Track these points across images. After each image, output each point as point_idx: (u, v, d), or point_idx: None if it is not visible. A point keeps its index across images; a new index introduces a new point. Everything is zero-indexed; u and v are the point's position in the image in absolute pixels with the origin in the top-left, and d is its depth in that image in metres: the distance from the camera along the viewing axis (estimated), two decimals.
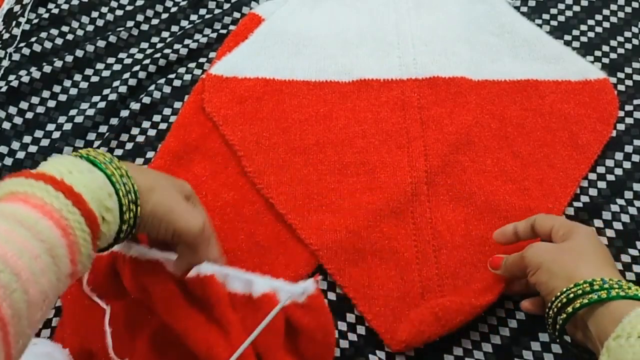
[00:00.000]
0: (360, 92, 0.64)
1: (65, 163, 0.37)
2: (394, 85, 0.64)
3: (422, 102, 0.62)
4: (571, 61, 0.66)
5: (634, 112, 0.64)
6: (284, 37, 0.67)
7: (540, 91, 0.64)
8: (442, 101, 0.62)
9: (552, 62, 0.66)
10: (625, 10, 0.72)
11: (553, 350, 0.51)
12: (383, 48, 0.67)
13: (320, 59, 0.66)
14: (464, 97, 0.63)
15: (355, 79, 0.65)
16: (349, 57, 0.66)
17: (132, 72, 0.66)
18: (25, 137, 0.62)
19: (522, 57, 0.66)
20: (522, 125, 0.62)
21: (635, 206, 0.58)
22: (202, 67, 0.67)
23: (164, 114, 0.64)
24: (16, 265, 0.30)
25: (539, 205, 0.57)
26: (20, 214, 0.32)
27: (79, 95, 0.65)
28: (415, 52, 0.66)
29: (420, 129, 0.61)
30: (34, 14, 0.70)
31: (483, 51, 0.67)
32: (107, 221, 0.37)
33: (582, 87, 0.64)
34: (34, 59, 0.67)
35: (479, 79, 0.64)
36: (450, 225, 0.56)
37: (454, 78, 0.64)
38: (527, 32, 0.68)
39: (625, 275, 0.54)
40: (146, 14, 0.72)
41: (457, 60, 0.65)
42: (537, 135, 0.61)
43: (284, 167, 0.59)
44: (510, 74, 0.65)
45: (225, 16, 0.72)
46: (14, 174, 0.35)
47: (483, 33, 0.68)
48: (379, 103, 0.63)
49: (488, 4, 0.70)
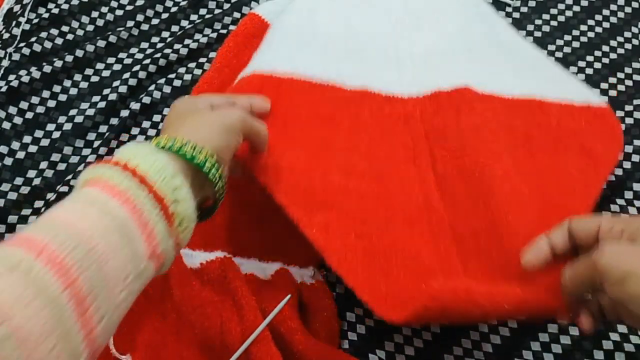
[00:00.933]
0: (363, 101, 0.61)
1: (131, 148, 0.38)
2: (395, 101, 0.61)
3: (425, 115, 0.59)
4: (573, 84, 0.63)
5: (634, 112, 0.64)
6: (289, 30, 0.64)
7: (544, 109, 0.60)
8: (445, 110, 0.59)
9: (554, 83, 0.63)
10: (625, 10, 0.72)
11: (553, 351, 0.51)
12: (382, 64, 0.63)
13: (325, 59, 0.63)
14: (469, 105, 0.59)
15: (358, 86, 0.61)
16: (352, 63, 0.63)
17: (132, 72, 0.66)
18: (25, 137, 0.62)
19: (523, 76, 0.63)
20: (531, 136, 0.58)
21: (635, 206, 0.58)
22: (202, 67, 0.67)
23: (164, 114, 0.64)
24: (90, 240, 0.31)
25: (562, 203, 0.53)
26: (92, 196, 0.34)
27: (79, 95, 0.65)
28: (414, 69, 0.63)
29: (425, 142, 0.58)
30: (34, 14, 0.70)
31: (483, 67, 0.64)
32: (178, 200, 0.37)
33: (586, 111, 0.61)
34: (34, 59, 0.67)
35: (482, 92, 0.61)
36: (475, 231, 0.51)
37: (456, 89, 0.60)
38: (528, 52, 0.65)
39: None
40: (146, 14, 0.72)
41: (457, 76, 0.62)
42: (549, 144, 0.57)
43: (284, 166, 0.54)
44: (513, 91, 0.62)
45: (225, 16, 0.72)
46: (91, 165, 0.37)
47: (483, 51, 0.65)
48: (381, 115, 0.60)
49: (487, 25, 0.67)
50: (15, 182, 0.59)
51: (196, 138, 0.40)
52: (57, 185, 0.58)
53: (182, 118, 0.44)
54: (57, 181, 0.59)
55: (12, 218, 0.56)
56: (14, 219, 0.56)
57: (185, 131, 0.41)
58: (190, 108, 0.45)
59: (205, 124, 0.43)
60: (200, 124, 0.43)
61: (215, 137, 0.42)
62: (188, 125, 0.42)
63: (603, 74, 0.67)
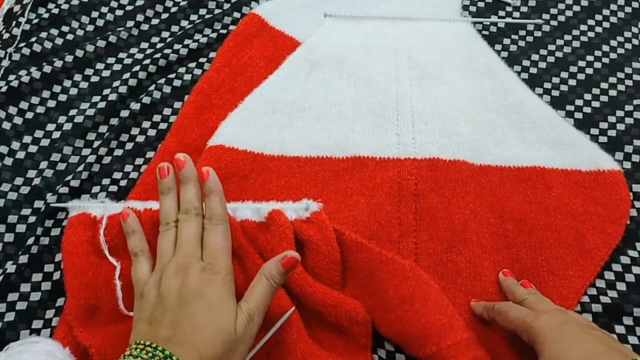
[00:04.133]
0: (354, 171, 0.58)
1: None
2: (391, 165, 0.58)
3: (420, 188, 0.57)
4: (583, 148, 0.60)
5: (634, 112, 0.64)
6: (277, 106, 0.63)
7: (546, 181, 0.58)
8: (440, 189, 0.57)
9: (562, 147, 0.60)
10: (625, 10, 0.72)
11: None
12: (381, 124, 0.61)
13: (313, 132, 0.61)
14: (463, 186, 0.57)
15: (349, 155, 0.59)
16: (344, 131, 0.61)
17: (132, 72, 0.66)
18: (25, 137, 0.62)
19: (529, 141, 0.61)
20: (523, 222, 0.56)
21: (635, 207, 0.58)
22: (202, 67, 0.67)
23: (164, 114, 0.64)
24: None
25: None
26: None
27: (79, 95, 0.65)
28: (414, 130, 0.60)
29: (414, 222, 0.55)
30: (34, 14, 0.70)
31: (487, 131, 0.61)
32: None
33: (594, 178, 0.58)
34: (34, 59, 0.67)
35: (481, 164, 0.59)
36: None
37: (454, 161, 0.58)
38: (536, 113, 0.63)
39: (625, 277, 0.54)
40: (146, 14, 0.72)
41: (458, 141, 0.59)
42: (540, 235, 0.55)
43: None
44: (515, 159, 0.60)
45: (225, 16, 0.72)
46: None
47: (489, 111, 0.63)
48: (373, 185, 0.57)
49: (496, 80, 0.65)
50: (15, 182, 0.59)
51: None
52: (57, 186, 0.58)
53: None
54: (57, 181, 0.59)
55: (12, 218, 0.56)
56: (14, 219, 0.57)
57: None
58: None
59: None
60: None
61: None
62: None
63: (603, 74, 0.67)
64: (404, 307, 0.48)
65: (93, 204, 0.54)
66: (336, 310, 0.49)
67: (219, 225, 0.45)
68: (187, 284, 0.42)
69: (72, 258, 0.50)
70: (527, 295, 0.49)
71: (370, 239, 0.53)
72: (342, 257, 0.51)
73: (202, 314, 0.41)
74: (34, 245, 0.54)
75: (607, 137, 0.63)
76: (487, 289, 0.53)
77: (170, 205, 0.47)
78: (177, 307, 0.41)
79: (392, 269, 0.49)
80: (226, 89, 0.65)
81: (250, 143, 0.60)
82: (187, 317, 0.40)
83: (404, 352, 0.50)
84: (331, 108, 0.63)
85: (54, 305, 0.52)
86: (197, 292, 0.41)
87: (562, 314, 0.45)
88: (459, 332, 0.47)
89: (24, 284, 0.53)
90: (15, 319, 0.51)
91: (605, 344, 0.40)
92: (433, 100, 0.63)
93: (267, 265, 0.44)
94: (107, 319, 0.49)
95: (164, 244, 0.45)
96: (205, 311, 0.41)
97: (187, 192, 0.47)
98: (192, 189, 0.47)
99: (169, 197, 0.47)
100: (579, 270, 0.53)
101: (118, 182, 0.59)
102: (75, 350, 0.48)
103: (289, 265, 0.44)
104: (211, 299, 0.42)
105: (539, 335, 0.42)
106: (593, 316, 0.52)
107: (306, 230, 0.51)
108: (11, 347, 0.47)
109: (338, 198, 0.57)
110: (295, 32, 0.70)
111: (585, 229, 0.55)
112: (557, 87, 0.66)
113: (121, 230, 0.51)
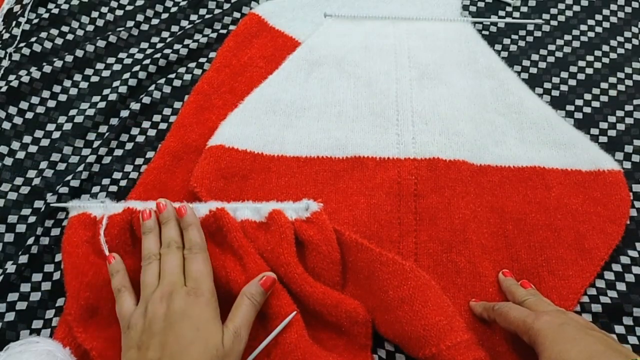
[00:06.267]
0: (354, 171, 0.58)
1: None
2: (391, 165, 0.58)
3: (419, 188, 0.56)
4: (583, 148, 0.60)
5: (634, 112, 0.64)
6: (277, 106, 0.63)
7: (546, 181, 0.58)
8: (440, 189, 0.57)
9: (562, 148, 0.60)
10: (625, 10, 0.72)
11: None
12: (381, 124, 0.61)
13: (313, 132, 0.61)
14: (464, 186, 0.57)
15: (349, 155, 0.59)
16: (344, 131, 0.61)
17: (132, 72, 0.66)
18: (25, 137, 0.62)
19: (529, 141, 0.61)
20: (523, 222, 0.56)
21: (635, 207, 0.58)
22: (202, 67, 0.67)
23: (164, 114, 0.64)
24: None
25: None
26: None
27: (79, 95, 0.65)
28: (414, 130, 0.60)
29: (414, 222, 0.55)
30: (34, 14, 0.70)
31: (487, 132, 0.61)
32: None
33: (594, 178, 0.58)
34: (34, 59, 0.67)
35: (481, 164, 0.59)
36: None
37: (454, 161, 0.58)
38: (536, 113, 0.63)
39: (625, 277, 0.54)
40: (146, 14, 0.72)
41: (458, 141, 0.59)
42: (540, 236, 0.55)
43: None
44: (515, 159, 0.60)
45: (225, 16, 0.72)
46: None
47: (489, 111, 0.63)
48: (373, 185, 0.57)
49: (497, 80, 0.65)
50: (15, 182, 0.59)
51: None
52: (57, 185, 0.58)
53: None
54: (57, 181, 0.59)
55: (12, 218, 0.56)
56: (14, 219, 0.57)
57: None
58: None
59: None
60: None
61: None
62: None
63: (603, 74, 0.67)
64: (404, 308, 0.48)
65: (93, 204, 0.53)
66: (336, 310, 0.49)
67: (198, 253, 0.48)
68: (173, 307, 0.43)
69: (72, 258, 0.50)
70: (527, 296, 0.49)
71: (370, 239, 0.53)
72: (342, 258, 0.51)
73: (189, 332, 0.42)
74: (34, 245, 0.54)
75: (607, 137, 0.63)
76: (486, 289, 0.53)
77: (152, 241, 0.49)
78: (164, 330, 0.42)
79: (392, 269, 0.49)
80: (226, 89, 0.65)
81: (250, 143, 0.60)
82: (175, 338, 0.42)
83: (404, 352, 0.50)
84: (331, 108, 0.63)
85: (54, 305, 0.52)
86: (183, 313, 0.43)
87: (562, 315, 0.45)
88: (459, 333, 0.47)
89: (24, 284, 0.53)
90: (15, 319, 0.51)
91: (605, 345, 0.41)
92: (433, 100, 0.63)
93: (247, 287, 0.47)
94: (107, 320, 0.49)
95: (148, 276, 0.47)
96: (192, 330, 0.42)
97: (168, 230, 0.49)
98: (173, 227, 0.49)
99: (151, 235, 0.49)
100: (578, 271, 0.53)
101: (118, 182, 0.59)
102: (75, 350, 0.48)
103: (267, 285, 0.47)
104: (197, 319, 0.43)
105: (539, 336, 0.43)
106: (593, 316, 0.52)
107: (306, 231, 0.51)
108: (11, 347, 0.47)
109: (338, 198, 0.57)
110: (295, 32, 0.70)
111: (585, 229, 0.56)
112: (557, 87, 0.66)
113: (121, 230, 0.51)
